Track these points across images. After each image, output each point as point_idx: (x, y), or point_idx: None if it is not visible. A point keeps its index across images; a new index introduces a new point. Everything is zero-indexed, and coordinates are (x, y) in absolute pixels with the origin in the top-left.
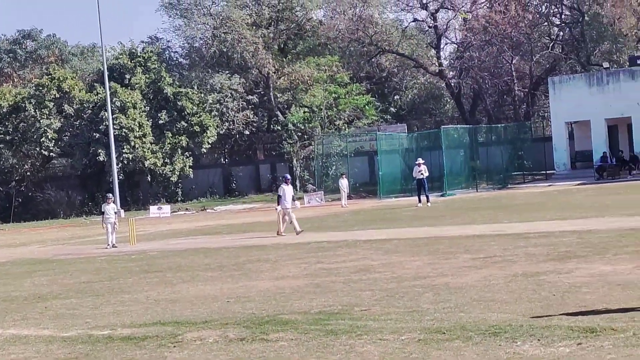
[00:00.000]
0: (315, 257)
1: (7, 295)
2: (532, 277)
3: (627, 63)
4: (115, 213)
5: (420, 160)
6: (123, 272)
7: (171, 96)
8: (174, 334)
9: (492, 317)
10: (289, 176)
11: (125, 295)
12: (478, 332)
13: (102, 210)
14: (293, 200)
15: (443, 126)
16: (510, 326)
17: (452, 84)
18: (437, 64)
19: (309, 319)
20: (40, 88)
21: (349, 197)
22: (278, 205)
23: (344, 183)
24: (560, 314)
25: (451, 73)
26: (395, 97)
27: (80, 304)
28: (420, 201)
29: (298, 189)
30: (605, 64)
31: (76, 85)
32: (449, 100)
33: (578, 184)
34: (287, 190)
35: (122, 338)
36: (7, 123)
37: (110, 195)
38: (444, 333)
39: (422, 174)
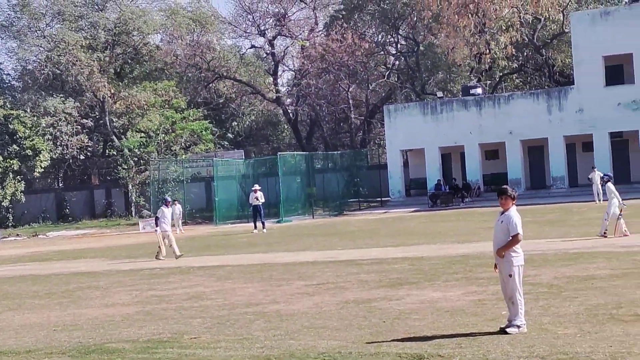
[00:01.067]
0: (147, 284)
1: None
2: (364, 304)
3: (461, 93)
4: None
5: (257, 187)
6: None
7: (2, 119)
8: None
9: (322, 344)
10: (169, 198)
11: None
12: (307, 359)
13: None
14: (173, 225)
15: (280, 153)
16: (340, 353)
17: (290, 111)
18: (274, 90)
19: (137, 348)
20: None
21: (185, 224)
22: (157, 227)
23: (177, 209)
24: (390, 341)
25: (288, 100)
26: (233, 124)
27: None
28: (255, 227)
29: (133, 215)
30: (440, 93)
31: None
32: (286, 127)
33: (412, 211)
34: (166, 212)
35: None
36: None
37: None
38: None
39: (258, 200)
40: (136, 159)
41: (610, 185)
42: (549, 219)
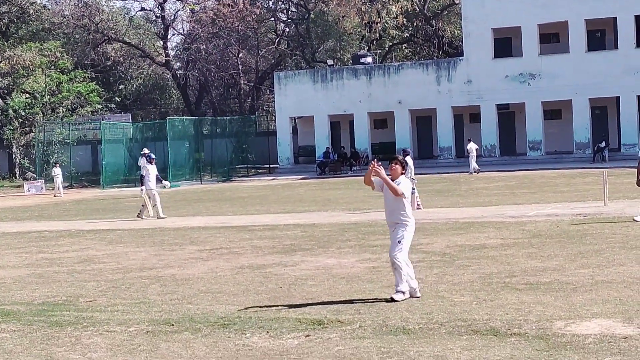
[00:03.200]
0: (36, 247)
1: None
2: (259, 270)
3: (351, 61)
4: None
5: (146, 151)
6: None
7: None
8: None
9: (221, 308)
10: (153, 155)
11: None
12: (207, 323)
13: None
14: (159, 180)
15: (168, 117)
16: (239, 318)
17: (179, 75)
18: (164, 54)
19: (32, 310)
20: None
21: (71, 187)
22: (142, 185)
23: (58, 172)
24: (288, 307)
25: (178, 64)
26: (120, 87)
27: None
28: None
29: (17, 177)
30: (330, 62)
31: None
32: (174, 92)
33: (301, 179)
34: (151, 169)
35: None
36: None
37: None
38: (173, 325)
39: None
40: (21, 120)
41: (407, 159)
42: (437, 189)
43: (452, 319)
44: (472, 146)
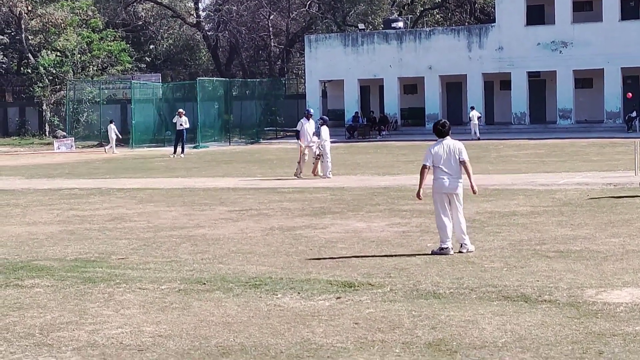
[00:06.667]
0: (67, 204)
1: None
2: (289, 231)
3: (382, 26)
4: None
5: (182, 111)
6: None
7: None
8: None
9: (252, 269)
10: (311, 110)
11: None
12: (238, 283)
13: None
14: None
15: (199, 78)
16: (270, 278)
17: (209, 36)
18: (194, 15)
19: (65, 266)
20: None
21: (100, 145)
22: (299, 139)
23: (112, 129)
24: (319, 269)
25: (208, 25)
26: (151, 47)
27: None
28: (175, 152)
29: (47, 134)
30: (361, 26)
31: None
32: (205, 52)
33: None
34: (307, 125)
35: None
36: None
37: None
38: (204, 284)
39: (182, 125)
40: (51, 78)
41: (324, 128)
42: None
43: (483, 285)
44: (474, 114)
